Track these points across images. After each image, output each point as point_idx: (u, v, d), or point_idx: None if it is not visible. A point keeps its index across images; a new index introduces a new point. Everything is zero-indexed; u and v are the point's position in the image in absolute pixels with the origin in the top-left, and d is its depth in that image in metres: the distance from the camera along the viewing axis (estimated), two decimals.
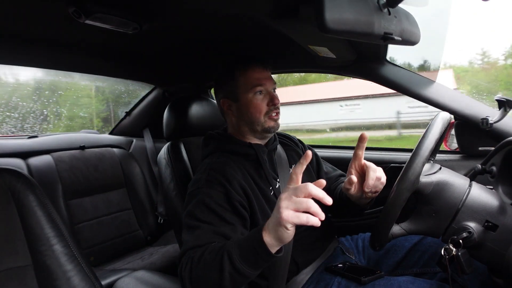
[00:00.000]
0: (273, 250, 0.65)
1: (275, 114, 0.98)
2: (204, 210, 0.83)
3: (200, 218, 0.82)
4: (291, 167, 1.07)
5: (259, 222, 0.89)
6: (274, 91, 1.00)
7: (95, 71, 1.57)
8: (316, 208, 0.60)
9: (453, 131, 1.21)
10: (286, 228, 0.61)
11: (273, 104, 0.97)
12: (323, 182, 0.63)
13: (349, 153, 1.54)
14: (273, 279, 0.88)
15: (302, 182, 1.04)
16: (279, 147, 1.09)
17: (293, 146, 1.15)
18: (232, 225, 0.82)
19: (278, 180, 0.99)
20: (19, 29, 0.98)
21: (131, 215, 1.82)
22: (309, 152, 0.66)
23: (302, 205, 0.60)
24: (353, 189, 0.85)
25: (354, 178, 0.82)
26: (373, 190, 0.84)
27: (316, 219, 0.60)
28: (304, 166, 0.65)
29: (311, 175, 1.11)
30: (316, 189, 0.61)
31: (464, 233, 0.69)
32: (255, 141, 1.01)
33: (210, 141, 1.03)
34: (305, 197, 0.61)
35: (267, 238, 0.64)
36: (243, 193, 0.88)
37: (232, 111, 1.01)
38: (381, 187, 0.84)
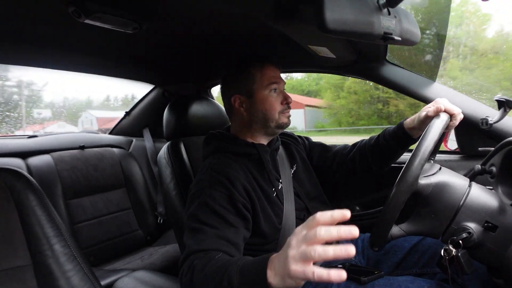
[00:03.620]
0: None
1: (287, 112, 1.01)
2: (207, 212, 0.82)
3: (203, 220, 0.81)
4: (292, 167, 1.07)
5: (261, 224, 0.89)
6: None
7: (95, 71, 1.57)
8: (330, 253, 0.48)
9: (452, 131, 1.21)
10: (297, 282, 0.53)
11: (287, 102, 1.00)
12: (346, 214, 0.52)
13: None
14: None
15: (301, 179, 1.06)
16: (281, 147, 1.09)
17: (294, 144, 1.15)
18: (235, 227, 0.82)
19: (280, 180, 0.99)
20: (19, 29, 0.98)
21: (130, 215, 1.82)
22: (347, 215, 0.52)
23: (312, 256, 0.49)
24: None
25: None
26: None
27: (325, 273, 0.48)
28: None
29: (308, 171, 1.11)
30: (325, 216, 0.50)
31: (463, 234, 0.69)
32: (260, 140, 1.01)
33: (211, 141, 1.02)
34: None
35: (272, 280, 0.56)
36: (246, 194, 0.88)
37: (244, 108, 1.00)
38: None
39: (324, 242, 0.49)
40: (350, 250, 0.48)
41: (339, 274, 0.48)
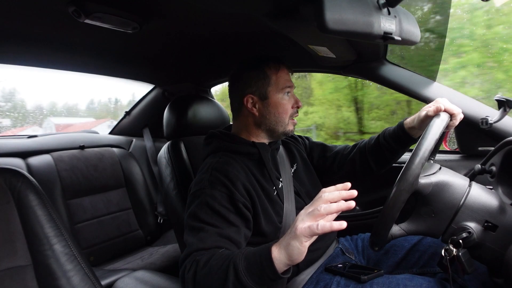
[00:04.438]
0: (281, 268, 0.64)
1: (296, 117, 1.02)
2: (207, 211, 0.82)
3: (204, 219, 0.81)
4: (293, 166, 1.07)
5: (262, 223, 0.89)
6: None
7: (95, 71, 1.57)
8: (334, 207, 0.61)
9: (453, 131, 1.21)
10: (301, 242, 0.61)
11: (298, 106, 1.01)
12: (347, 184, 0.65)
13: None
14: None
15: (301, 178, 1.06)
16: (281, 146, 1.09)
17: (294, 143, 1.15)
18: (236, 227, 0.82)
19: (281, 180, 0.99)
20: (19, 29, 0.98)
21: (131, 215, 1.82)
22: (348, 184, 0.66)
23: (320, 211, 0.61)
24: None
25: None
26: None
27: (328, 223, 0.60)
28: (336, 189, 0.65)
29: (309, 170, 1.11)
30: (332, 194, 0.63)
31: (463, 233, 0.69)
32: (262, 140, 1.01)
33: (212, 140, 1.02)
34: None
35: (277, 254, 0.64)
36: (247, 194, 0.88)
37: (256, 108, 0.99)
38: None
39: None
40: (350, 203, 0.61)
41: (340, 223, 0.59)
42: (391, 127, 1.02)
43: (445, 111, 0.81)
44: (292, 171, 1.05)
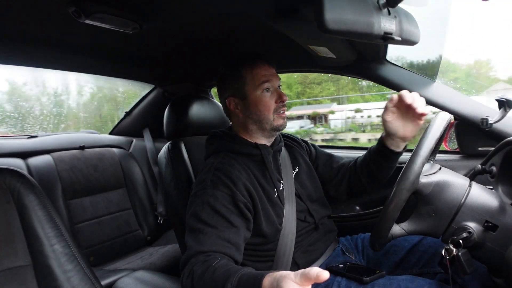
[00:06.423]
0: None
1: (283, 111, 0.99)
2: (209, 211, 0.82)
3: (205, 220, 0.81)
4: (295, 168, 1.06)
5: (262, 224, 0.89)
6: (279, 88, 1.00)
7: (95, 71, 1.57)
8: None
9: (453, 131, 1.21)
10: None
11: (281, 101, 0.98)
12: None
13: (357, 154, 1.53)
14: None
15: (303, 180, 1.05)
16: (283, 148, 1.09)
17: (297, 148, 1.14)
18: (236, 227, 0.83)
19: (282, 182, 0.99)
20: (19, 29, 0.98)
21: (131, 215, 1.82)
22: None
23: None
24: (391, 117, 0.89)
25: (395, 96, 0.82)
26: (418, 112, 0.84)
27: None
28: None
29: (311, 173, 1.11)
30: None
31: (464, 233, 0.69)
32: (262, 141, 1.01)
33: (214, 140, 1.02)
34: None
35: None
36: (248, 195, 0.88)
37: (239, 109, 0.99)
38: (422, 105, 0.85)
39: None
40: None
41: None
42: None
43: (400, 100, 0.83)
44: (294, 173, 1.05)
